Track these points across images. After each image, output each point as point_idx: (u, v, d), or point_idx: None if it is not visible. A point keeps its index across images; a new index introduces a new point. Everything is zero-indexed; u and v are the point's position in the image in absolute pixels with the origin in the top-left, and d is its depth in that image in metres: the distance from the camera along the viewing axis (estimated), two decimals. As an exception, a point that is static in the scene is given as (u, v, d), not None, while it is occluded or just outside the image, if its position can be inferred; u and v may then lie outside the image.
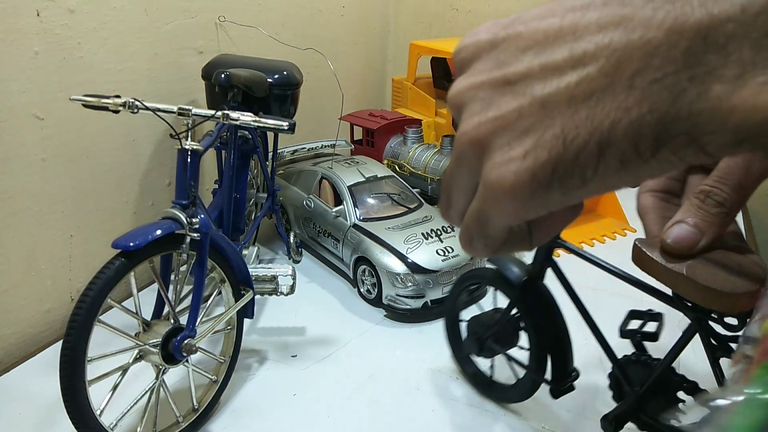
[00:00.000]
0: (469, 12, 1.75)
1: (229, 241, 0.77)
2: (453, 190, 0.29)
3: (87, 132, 0.97)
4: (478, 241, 0.28)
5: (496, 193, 0.24)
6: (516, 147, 0.23)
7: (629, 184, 0.23)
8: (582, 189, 0.23)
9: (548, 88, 0.22)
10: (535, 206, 0.24)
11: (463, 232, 0.29)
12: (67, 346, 0.60)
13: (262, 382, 0.84)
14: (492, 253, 0.29)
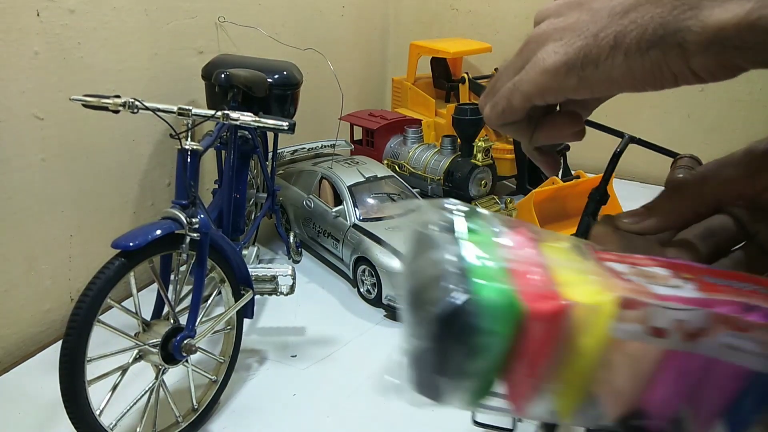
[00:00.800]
0: (469, 12, 1.75)
1: (228, 241, 0.77)
2: (503, 74, 0.36)
3: (87, 132, 0.97)
4: (498, 106, 0.37)
5: (537, 67, 0.33)
6: (566, 39, 0.32)
7: (628, 79, 0.31)
8: (594, 75, 0.31)
9: (599, 5, 0.32)
10: (560, 85, 0.33)
11: (490, 96, 0.37)
12: (67, 346, 0.60)
13: (262, 382, 0.84)
14: (500, 120, 0.37)
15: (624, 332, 0.36)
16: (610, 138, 0.79)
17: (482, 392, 0.39)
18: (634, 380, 0.39)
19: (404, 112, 1.58)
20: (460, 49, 1.54)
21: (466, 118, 1.18)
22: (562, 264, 0.39)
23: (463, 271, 0.36)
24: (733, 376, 0.38)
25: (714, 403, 0.39)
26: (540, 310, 0.36)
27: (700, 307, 0.37)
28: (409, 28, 1.84)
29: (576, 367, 0.38)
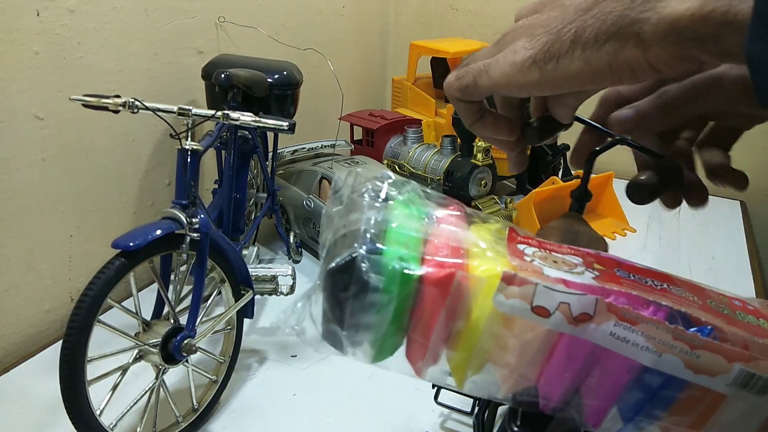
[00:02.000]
0: (469, 12, 1.75)
1: (229, 241, 0.77)
2: (478, 56, 0.39)
3: (87, 132, 0.97)
4: (463, 80, 0.38)
5: (507, 59, 0.35)
6: (535, 35, 0.34)
7: (585, 74, 0.32)
8: (554, 70, 0.33)
9: (569, 2, 0.34)
10: (524, 79, 0.35)
11: (459, 69, 0.39)
12: (67, 346, 0.60)
13: (262, 382, 0.84)
14: (458, 93, 0.39)
15: (505, 306, 0.40)
16: None
17: (385, 351, 0.45)
18: (525, 358, 0.42)
19: (404, 112, 1.58)
20: (460, 49, 1.53)
21: (466, 118, 1.18)
22: (477, 242, 0.42)
23: (377, 235, 0.40)
24: (622, 368, 0.40)
25: (605, 393, 0.41)
26: (431, 276, 0.40)
27: (588, 294, 0.39)
28: (409, 28, 1.84)
29: (468, 336, 0.42)
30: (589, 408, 0.42)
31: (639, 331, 0.39)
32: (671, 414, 0.41)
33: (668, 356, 0.39)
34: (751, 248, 1.23)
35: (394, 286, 0.41)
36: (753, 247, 1.25)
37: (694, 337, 0.39)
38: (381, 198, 0.44)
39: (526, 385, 0.43)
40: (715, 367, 0.39)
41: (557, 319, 0.39)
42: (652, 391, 0.41)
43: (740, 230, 1.31)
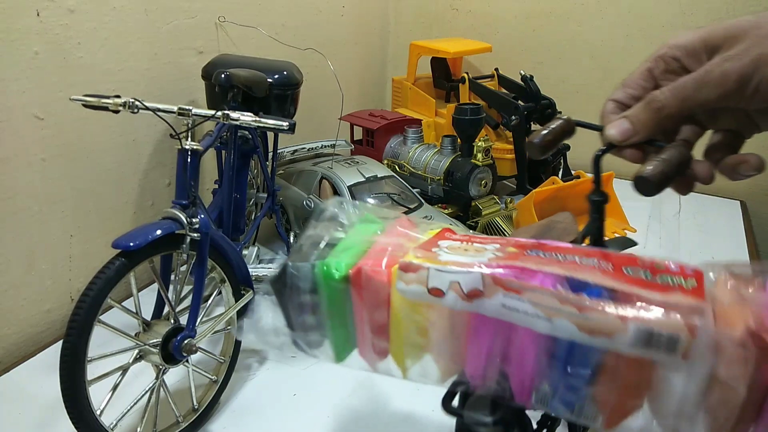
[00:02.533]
0: (469, 12, 1.75)
1: (229, 241, 0.77)
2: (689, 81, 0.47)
3: (87, 132, 0.97)
4: (664, 104, 0.48)
5: (716, 77, 0.45)
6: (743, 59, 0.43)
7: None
8: (743, 96, 0.44)
9: None
10: (727, 94, 0.44)
11: (660, 97, 0.48)
12: (67, 346, 0.60)
13: (262, 382, 0.84)
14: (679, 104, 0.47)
15: (407, 292, 0.44)
16: None
17: (342, 350, 0.51)
18: (442, 341, 0.45)
19: (404, 112, 1.58)
20: (460, 49, 1.54)
21: (466, 118, 1.17)
22: (404, 245, 0.47)
23: (320, 249, 0.48)
24: (526, 340, 0.42)
25: (521, 368, 0.43)
26: (350, 275, 0.46)
27: (474, 270, 0.42)
28: (409, 28, 1.85)
29: (394, 326, 0.47)
30: (514, 385, 0.44)
31: (526, 300, 0.40)
32: (596, 383, 0.41)
33: (559, 320, 0.39)
34: (751, 248, 1.23)
35: (321, 287, 0.47)
36: (753, 247, 1.25)
37: (580, 298, 0.39)
38: (334, 220, 0.51)
39: (456, 370, 0.47)
40: (609, 328, 0.38)
41: (451, 297, 0.42)
42: (563, 359, 0.41)
43: (740, 230, 1.31)
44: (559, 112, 1.35)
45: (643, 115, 0.50)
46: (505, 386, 0.44)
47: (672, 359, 0.38)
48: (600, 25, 1.57)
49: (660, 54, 0.54)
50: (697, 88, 0.47)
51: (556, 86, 1.58)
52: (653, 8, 1.50)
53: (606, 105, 0.58)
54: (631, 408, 0.42)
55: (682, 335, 0.37)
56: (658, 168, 0.46)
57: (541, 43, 1.66)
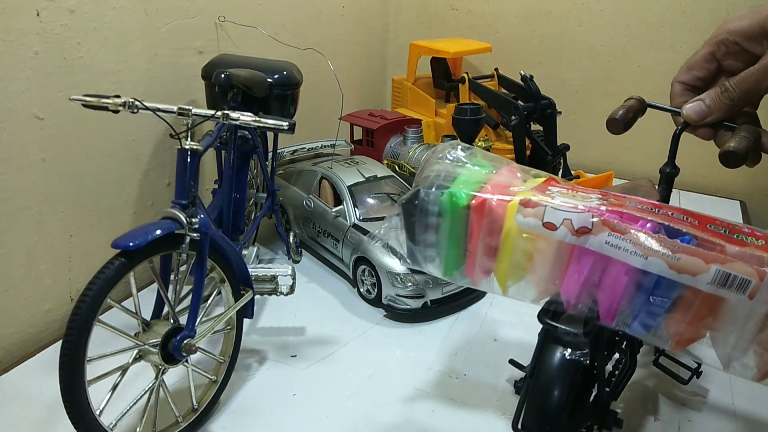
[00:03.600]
0: (469, 12, 1.75)
1: (228, 241, 0.77)
2: None
3: (87, 132, 0.97)
4: (734, 96, 0.58)
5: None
6: None
7: None
8: None
9: None
10: None
11: (731, 90, 0.58)
12: (67, 346, 0.60)
13: (262, 382, 0.84)
14: (729, 105, 0.58)
15: (523, 223, 0.55)
16: (610, 138, 0.80)
17: (450, 267, 0.62)
18: (546, 266, 0.56)
19: (404, 112, 1.58)
20: (460, 49, 1.54)
21: (466, 118, 1.18)
22: (517, 185, 0.58)
23: (447, 180, 0.59)
24: (620, 272, 0.52)
25: (611, 294, 0.54)
26: (473, 204, 0.58)
27: (586, 212, 0.53)
28: (409, 28, 1.85)
29: (503, 251, 0.58)
30: (601, 308, 0.54)
31: (628, 240, 0.51)
32: (673, 311, 0.52)
33: (653, 259, 0.50)
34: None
35: (446, 212, 0.59)
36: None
37: (674, 243, 0.50)
38: (453, 159, 0.62)
39: (553, 291, 0.57)
40: (694, 268, 0.49)
41: (562, 232, 0.54)
42: (649, 290, 0.52)
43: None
44: (559, 112, 1.35)
45: (717, 101, 0.60)
46: (594, 308, 0.55)
47: (741, 298, 0.48)
48: (600, 25, 1.57)
49: (720, 39, 0.63)
50: (759, 80, 0.57)
51: (556, 86, 1.58)
52: (653, 8, 1.50)
53: (674, 87, 0.69)
54: (698, 336, 0.52)
55: (753, 279, 0.47)
56: (742, 143, 0.56)
57: (541, 43, 1.66)
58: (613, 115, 0.68)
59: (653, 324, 0.53)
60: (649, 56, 1.54)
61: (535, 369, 0.60)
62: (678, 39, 1.49)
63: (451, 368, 0.87)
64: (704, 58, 0.65)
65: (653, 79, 1.54)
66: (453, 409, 0.79)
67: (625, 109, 0.68)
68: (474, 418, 0.77)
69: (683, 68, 0.68)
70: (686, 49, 1.48)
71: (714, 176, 1.49)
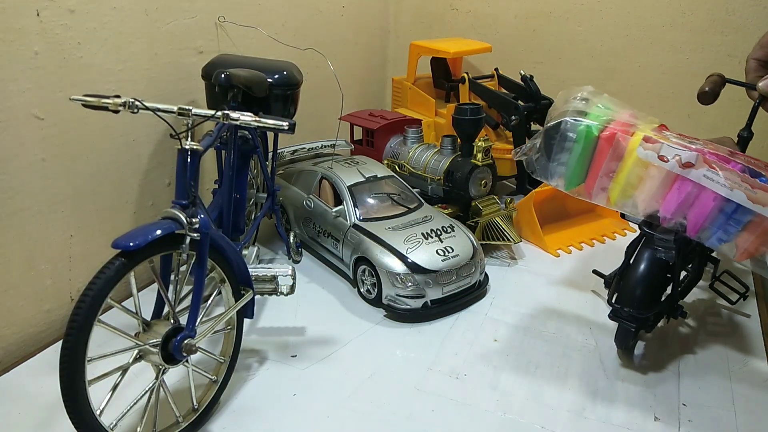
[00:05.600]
0: (469, 12, 1.75)
1: (229, 241, 0.77)
2: None
3: (87, 132, 0.97)
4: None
5: None
6: None
7: None
8: None
9: None
10: None
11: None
12: (67, 346, 0.60)
13: (262, 382, 0.84)
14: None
15: (643, 154, 0.74)
16: None
17: (572, 182, 0.82)
18: (653, 189, 0.74)
19: (404, 112, 1.58)
20: (460, 49, 1.53)
21: (466, 118, 1.17)
22: (638, 124, 0.77)
23: (579, 113, 0.79)
24: (709, 198, 0.71)
25: (699, 214, 0.72)
26: (603, 135, 0.77)
27: (692, 151, 0.72)
28: (409, 28, 1.84)
29: (621, 173, 0.76)
30: (689, 224, 0.74)
31: (720, 175, 0.69)
32: (743, 231, 0.71)
33: (737, 191, 0.69)
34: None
35: (581, 138, 0.79)
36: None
37: (754, 181, 0.68)
38: (584, 100, 0.82)
39: (654, 208, 0.76)
40: (766, 200, 0.67)
41: (672, 164, 0.72)
42: (729, 214, 0.70)
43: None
44: (559, 112, 1.35)
45: None
46: (684, 224, 0.74)
47: None
48: (600, 25, 1.57)
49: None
50: None
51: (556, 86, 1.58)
52: (653, 8, 1.50)
53: (749, 63, 0.83)
54: (758, 251, 0.72)
55: None
56: None
57: (541, 43, 1.66)
58: (702, 90, 0.87)
59: (726, 239, 0.72)
60: (649, 56, 1.54)
61: (632, 264, 0.83)
62: (678, 39, 1.49)
63: (451, 368, 0.87)
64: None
65: (653, 79, 1.54)
66: (453, 409, 0.79)
67: (712, 84, 0.86)
68: (474, 418, 0.77)
69: (756, 46, 0.80)
70: (686, 49, 1.49)
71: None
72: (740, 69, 1.45)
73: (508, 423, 0.77)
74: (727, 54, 1.45)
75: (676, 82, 1.51)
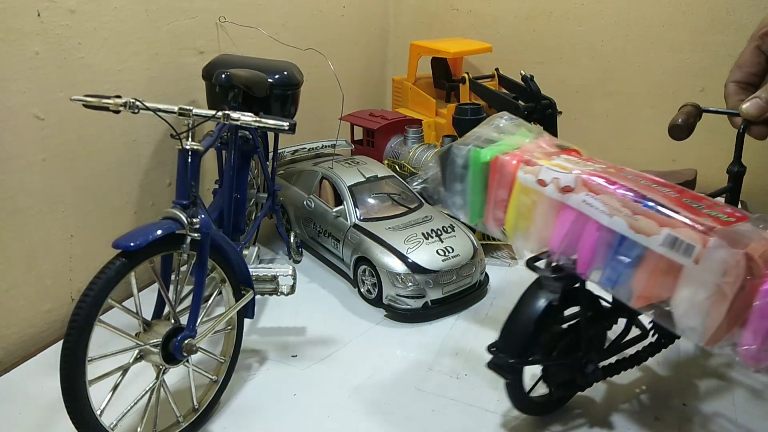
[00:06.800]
0: (469, 12, 1.74)
1: (229, 241, 0.77)
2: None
3: (87, 132, 0.97)
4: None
5: None
6: None
7: None
8: None
9: None
10: None
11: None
12: (68, 346, 0.60)
13: (262, 382, 0.84)
14: None
15: (522, 178, 0.64)
16: (610, 138, 0.81)
17: (475, 215, 0.71)
18: (543, 222, 0.63)
19: (405, 112, 1.58)
20: (460, 49, 1.53)
21: (467, 118, 1.17)
22: (535, 152, 0.67)
23: (487, 143, 0.69)
24: (593, 228, 0.59)
25: (586, 248, 0.60)
26: (491, 161, 0.67)
27: (571, 173, 0.60)
28: (409, 28, 1.84)
29: (512, 204, 0.66)
30: (579, 260, 0.61)
31: (600, 199, 0.58)
32: (637, 270, 0.56)
33: (617, 218, 0.56)
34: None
35: (470, 165, 0.69)
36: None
37: (636, 206, 0.56)
38: (496, 126, 0.72)
39: (545, 242, 0.64)
40: (648, 229, 0.54)
41: (551, 188, 0.61)
42: (614, 248, 0.57)
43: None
44: (560, 111, 1.35)
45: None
46: (573, 260, 0.62)
47: (688, 262, 0.51)
48: (600, 25, 1.57)
49: (764, 32, 0.67)
50: None
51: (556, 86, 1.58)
52: (653, 8, 1.50)
53: (728, 87, 0.73)
54: (656, 297, 0.56)
55: (697, 245, 0.51)
56: None
57: (541, 43, 1.66)
58: (674, 122, 0.73)
59: (617, 279, 0.58)
60: (649, 56, 1.54)
61: (516, 305, 0.71)
62: (678, 39, 1.49)
63: (452, 368, 0.87)
64: (752, 53, 0.68)
65: (653, 79, 1.54)
66: (453, 409, 0.79)
67: (685, 116, 0.73)
68: (474, 418, 0.77)
69: (733, 68, 0.72)
70: (686, 49, 1.48)
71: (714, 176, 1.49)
72: (740, 69, 1.45)
73: (509, 423, 0.77)
74: (727, 54, 1.45)
75: (676, 82, 1.51)
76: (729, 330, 0.52)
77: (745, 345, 0.51)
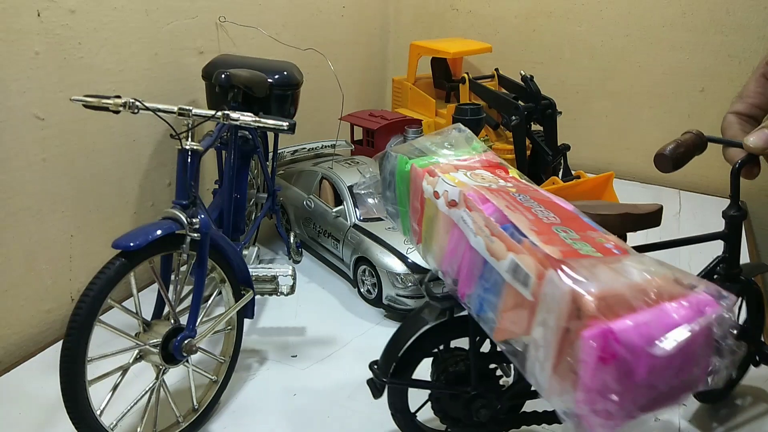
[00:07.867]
0: (469, 12, 1.75)
1: (229, 241, 0.77)
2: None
3: (87, 132, 0.97)
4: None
5: None
6: None
7: None
8: None
9: None
10: None
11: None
12: (68, 346, 0.60)
13: (262, 382, 0.84)
14: None
15: (425, 188, 0.59)
16: (610, 139, 0.80)
17: (407, 227, 0.65)
18: (440, 240, 0.58)
19: (404, 112, 1.58)
20: (460, 49, 1.54)
21: (467, 118, 1.17)
22: (450, 164, 0.62)
23: (419, 152, 0.64)
24: (468, 248, 0.53)
25: (463, 269, 0.54)
26: (410, 171, 0.62)
27: (458, 188, 0.56)
28: (409, 28, 1.84)
29: (423, 216, 0.61)
30: (460, 282, 0.55)
31: (471, 216, 0.53)
32: (503, 298, 0.49)
33: (479, 238, 0.51)
34: (751, 248, 1.23)
35: (396, 173, 0.64)
36: (753, 247, 1.25)
37: (495, 226, 0.51)
38: (448, 137, 0.68)
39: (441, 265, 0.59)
40: (499, 253, 0.49)
41: (441, 201, 0.57)
42: (480, 271, 0.52)
43: (740, 230, 1.31)
44: (560, 112, 1.35)
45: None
46: (457, 282, 0.55)
47: (527, 294, 0.45)
48: (600, 25, 1.57)
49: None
50: None
51: (556, 86, 1.58)
52: (653, 8, 1.50)
53: (727, 118, 0.66)
54: (513, 333, 0.48)
55: (532, 275, 0.44)
56: None
57: (541, 43, 1.66)
58: (661, 150, 0.61)
59: (482, 304, 0.51)
60: (649, 56, 1.54)
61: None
62: (678, 39, 1.49)
63: (452, 368, 0.87)
64: (756, 83, 0.62)
65: (653, 79, 1.54)
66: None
67: (675, 144, 0.61)
68: (474, 418, 0.77)
69: (735, 99, 0.64)
70: (686, 49, 1.49)
71: (714, 176, 1.49)
72: (740, 69, 1.45)
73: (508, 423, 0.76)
74: (727, 54, 1.45)
75: (676, 82, 1.51)
76: (566, 385, 0.42)
77: (579, 407, 0.41)
